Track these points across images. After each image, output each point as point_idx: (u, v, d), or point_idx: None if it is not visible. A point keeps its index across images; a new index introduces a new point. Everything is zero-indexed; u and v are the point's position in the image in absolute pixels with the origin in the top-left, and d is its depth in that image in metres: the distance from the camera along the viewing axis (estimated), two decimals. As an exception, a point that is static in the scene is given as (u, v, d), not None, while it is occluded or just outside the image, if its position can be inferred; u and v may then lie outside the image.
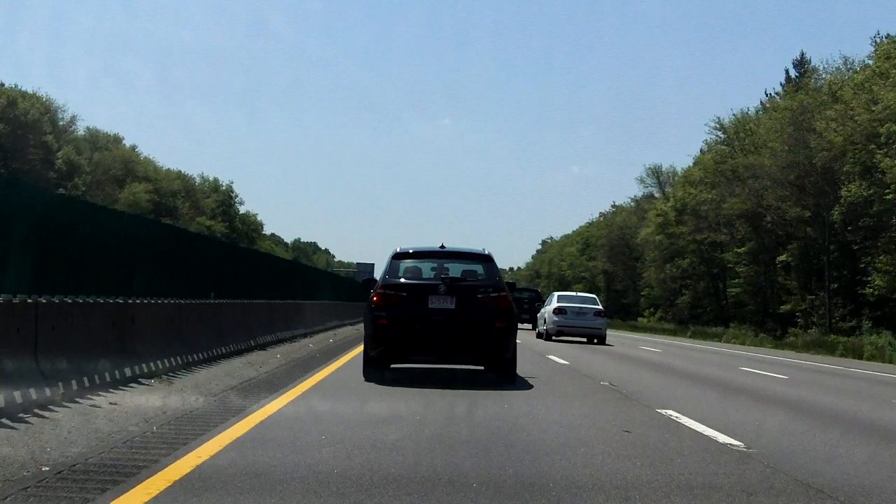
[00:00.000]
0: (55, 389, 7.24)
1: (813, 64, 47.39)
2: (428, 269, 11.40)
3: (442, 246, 11.58)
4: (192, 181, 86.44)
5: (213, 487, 4.65)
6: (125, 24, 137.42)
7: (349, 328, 28.72)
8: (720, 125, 51.69)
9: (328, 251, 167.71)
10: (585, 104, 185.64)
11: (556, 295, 29.02)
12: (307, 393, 9.23)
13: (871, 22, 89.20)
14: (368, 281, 12.01)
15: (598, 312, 26.78)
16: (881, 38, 37.87)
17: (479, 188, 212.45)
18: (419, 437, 6.55)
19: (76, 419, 6.63)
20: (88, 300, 8.63)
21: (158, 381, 9.36)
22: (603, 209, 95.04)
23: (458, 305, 10.63)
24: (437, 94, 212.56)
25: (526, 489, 4.84)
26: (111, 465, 5.12)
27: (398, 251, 11.34)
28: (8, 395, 6.50)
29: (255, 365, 12.17)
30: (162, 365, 10.03)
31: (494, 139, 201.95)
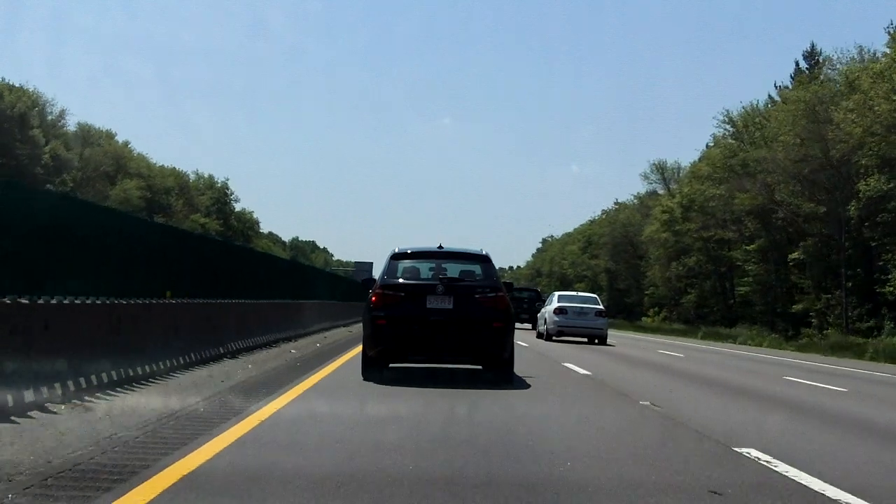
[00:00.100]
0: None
1: (825, 55, 45.75)
2: (426, 269, 11.50)
3: (440, 246, 11.65)
4: (186, 178, 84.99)
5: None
6: (125, 24, 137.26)
7: (342, 330, 27.12)
8: (728, 118, 50.22)
9: (326, 250, 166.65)
10: (585, 103, 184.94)
11: (556, 295, 28.71)
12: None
13: (874, 12, 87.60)
14: (367, 281, 12.12)
15: (599, 312, 26.52)
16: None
17: (478, 187, 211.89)
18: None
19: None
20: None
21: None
22: (604, 208, 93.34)
23: (455, 305, 10.70)
24: (436, 93, 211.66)
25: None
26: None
27: (396, 251, 11.43)
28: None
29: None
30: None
31: (494, 138, 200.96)
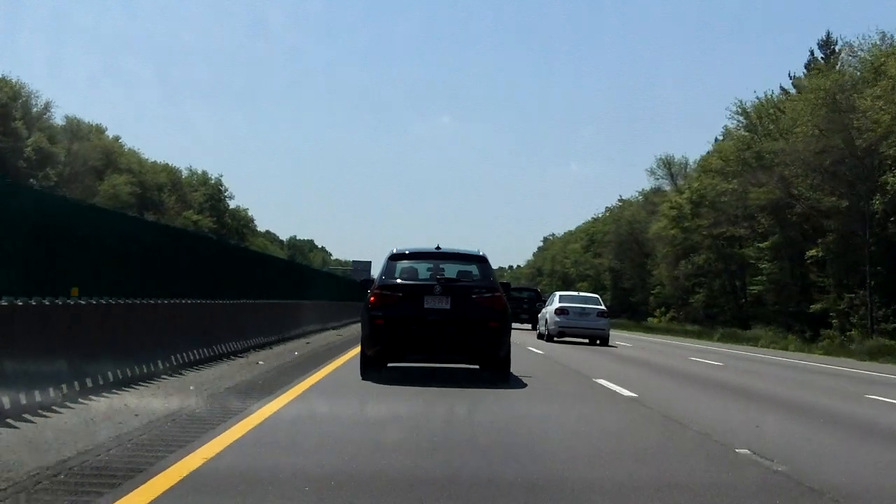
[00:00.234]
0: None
1: (843, 42, 43.51)
2: (424, 269, 11.67)
3: (437, 247, 11.87)
4: (178, 174, 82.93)
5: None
6: (125, 23, 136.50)
7: (341, 330, 25.26)
8: (741, 109, 48.00)
9: (324, 249, 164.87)
10: (585, 102, 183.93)
11: (557, 294, 28.19)
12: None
13: (879, 7, 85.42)
14: (366, 281, 12.39)
15: (601, 313, 26.04)
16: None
17: (478, 187, 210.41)
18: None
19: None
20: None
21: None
22: (605, 206, 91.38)
23: (453, 305, 10.89)
24: (436, 93, 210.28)
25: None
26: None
27: (394, 252, 11.60)
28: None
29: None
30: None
31: (494, 138, 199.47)
